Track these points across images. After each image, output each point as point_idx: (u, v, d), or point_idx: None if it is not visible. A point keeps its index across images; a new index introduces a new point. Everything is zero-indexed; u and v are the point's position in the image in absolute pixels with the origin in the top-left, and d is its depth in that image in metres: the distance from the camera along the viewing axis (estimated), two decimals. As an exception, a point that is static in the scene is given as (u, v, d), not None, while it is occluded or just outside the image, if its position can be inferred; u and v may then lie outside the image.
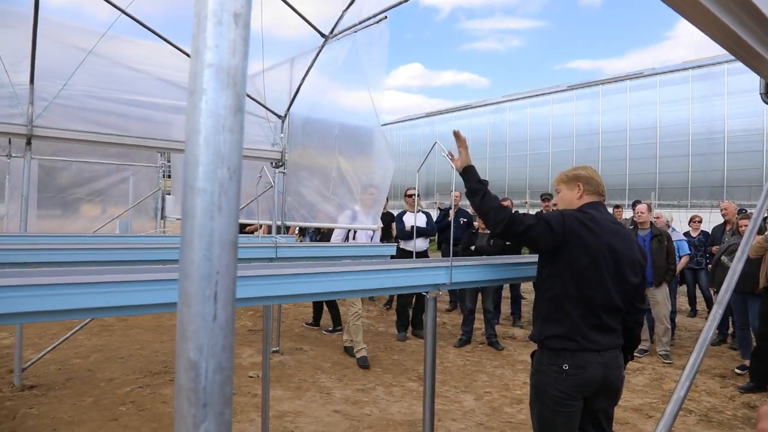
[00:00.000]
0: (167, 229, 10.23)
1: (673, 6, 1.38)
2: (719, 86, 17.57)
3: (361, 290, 1.91)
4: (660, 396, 4.94)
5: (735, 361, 6.07)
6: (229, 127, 0.48)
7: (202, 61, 0.47)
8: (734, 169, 17.09)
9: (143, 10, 4.18)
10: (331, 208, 5.03)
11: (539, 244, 2.27)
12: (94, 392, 4.59)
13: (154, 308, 1.52)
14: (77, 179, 8.90)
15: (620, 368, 2.32)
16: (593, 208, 2.37)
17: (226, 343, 0.48)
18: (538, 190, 12.70)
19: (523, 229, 2.22)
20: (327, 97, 5.33)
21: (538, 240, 2.24)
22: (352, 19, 4.70)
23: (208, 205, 0.47)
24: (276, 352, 5.95)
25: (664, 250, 6.17)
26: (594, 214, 2.32)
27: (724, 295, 1.61)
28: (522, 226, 2.23)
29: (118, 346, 6.05)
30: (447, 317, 8.33)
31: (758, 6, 1.43)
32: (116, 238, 5.23)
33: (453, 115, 27.98)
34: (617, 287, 2.24)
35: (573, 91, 22.39)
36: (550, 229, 2.21)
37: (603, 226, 2.27)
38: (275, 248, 3.26)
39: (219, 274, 0.48)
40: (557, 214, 2.29)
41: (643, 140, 19.48)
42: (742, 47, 1.69)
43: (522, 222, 2.24)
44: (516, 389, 5.02)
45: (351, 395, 4.75)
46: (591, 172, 2.48)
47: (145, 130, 4.61)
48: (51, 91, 4.28)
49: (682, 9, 1.40)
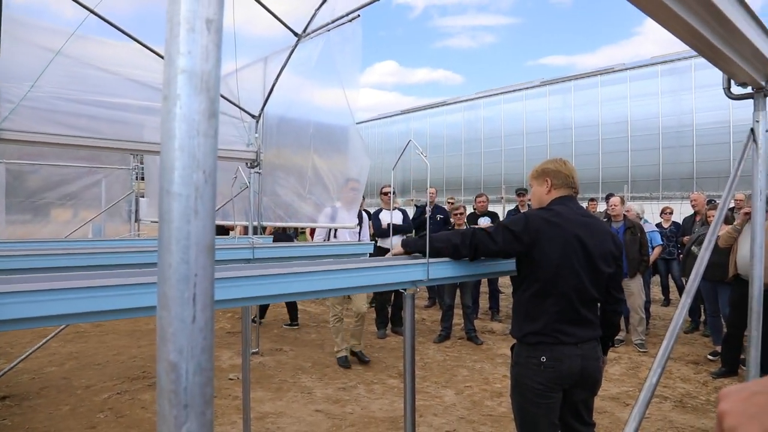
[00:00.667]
0: (142, 232, 10.08)
1: (637, 5, 1.41)
2: (687, 81, 17.96)
3: (338, 289, 1.92)
4: (636, 384, 5.04)
5: (707, 348, 6.22)
6: (203, 131, 0.48)
7: (176, 66, 0.48)
8: (703, 161, 17.50)
9: (113, 10, 4.11)
10: (307, 207, 5.01)
11: (510, 253, 2.30)
12: (70, 400, 4.51)
13: (131, 312, 1.51)
14: (47, 183, 8.69)
15: (598, 359, 2.36)
16: (561, 203, 2.39)
17: (206, 344, 0.49)
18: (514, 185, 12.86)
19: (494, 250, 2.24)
20: (301, 96, 5.31)
21: (507, 252, 2.28)
22: (325, 17, 4.69)
23: (185, 208, 0.48)
24: (255, 353, 5.92)
25: (637, 242, 6.30)
26: (560, 210, 2.33)
27: (692, 285, 1.66)
28: (489, 246, 2.22)
29: (94, 353, 5.95)
30: (426, 313, 8.38)
31: (718, 5, 1.47)
32: (90, 242, 5.14)
33: (428, 112, 28.07)
34: (591, 279, 2.27)
35: (546, 87, 22.66)
36: (513, 236, 2.22)
37: (570, 220, 2.29)
38: (252, 249, 3.24)
39: (197, 276, 0.48)
40: (520, 218, 2.31)
41: (615, 134, 19.81)
42: (704, 44, 1.74)
43: (487, 241, 2.23)
44: (496, 382, 5.08)
45: (332, 394, 4.76)
46: (559, 165, 2.48)
47: (117, 131, 4.53)
48: (17, 93, 4.17)
49: (645, 7, 1.44)
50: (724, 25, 1.75)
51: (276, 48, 5.25)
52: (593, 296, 2.31)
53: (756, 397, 0.48)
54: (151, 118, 4.81)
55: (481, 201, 7.86)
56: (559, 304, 2.24)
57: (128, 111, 4.68)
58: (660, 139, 18.58)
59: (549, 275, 2.23)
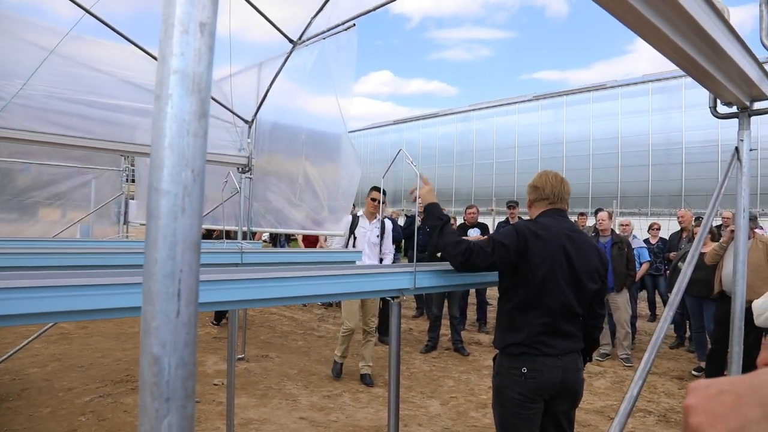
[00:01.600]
0: (130, 234, 10.01)
1: (626, 23, 1.44)
2: (677, 99, 18.19)
3: (325, 295, 1.93)
4: (621, 398, 5.06)
5: (692, 363, 6.27)
6: (193, 131, 0.50)
7: (168, 67, 0.49)
8: (691, 178, 17.69)
9: (108, 10, 4.11)
10: (297, 214, 5.02)
11: (502, 267, 2.30)
12: (51, 402, 4.46)
13: (117, 312, 1.50)
14: (36, 182, 8.61)
15: (579, 371, 2.36)
16: (549, 216, 2.41)
17: (189, 339, 0.50)
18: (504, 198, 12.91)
19: (487, 263, 2.24)
20: (295, 102, 5.33)
21: (499, 265, 2.28)
22: (321, 25, 4.72)
23: (172, 206, 0.49)
24: (241, 359, 5.89)
25: (624, 257, 6.35)
26: (547, 223, 2.35)
27: (674, 297, 1.68)
28: (482, 259, 2.22)
29: (78, 355, 5.89)
30: (414, 323, 8.38)
31: (705, 27, 1.51)
32: (77, 242, 5.11)
33: (420, 123, 28.20)
34: (575, 294, 2.28)
35: (538, 101, 22.84)
36: (506, 249, 2.23)
37: (557, 234, 2.30)
38: (241, 254, 3.24)
39: (182, 272, 0.49)
40: (510, 231, 2.32)
41: (606, 150, 19.99)
42: (691, 64, 1.78)
43: (481, 254, 2.23)
44: (481, 394, 5.08)
45: (317, 402, 4.74)
46: (544, 180, 2.49)
47: (109, 132, 4.52)
48: (10, 90, 4.16)
49: (634, 26, 1.47)
50: (710, 46, 1.79)
51: (271, 54, 5.27)
52: (577, 312, 2.32)
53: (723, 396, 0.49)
54: (144, 120, 4.81)
55: (471, 213, 7.89)
56: (542, 317, 2.25)
57: (121, 112, 4.67)
58: (650, 155, 18.77)
59: (533, 288, 2.24)
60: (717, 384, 0.51)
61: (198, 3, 0.50)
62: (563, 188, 2.48)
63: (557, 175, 2.52)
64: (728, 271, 5.14)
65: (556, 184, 2.47)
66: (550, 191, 2.45)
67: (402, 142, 27.88)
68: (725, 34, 1.83)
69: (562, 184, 2.49)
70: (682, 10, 1.47)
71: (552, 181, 2.47)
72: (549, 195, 2.46)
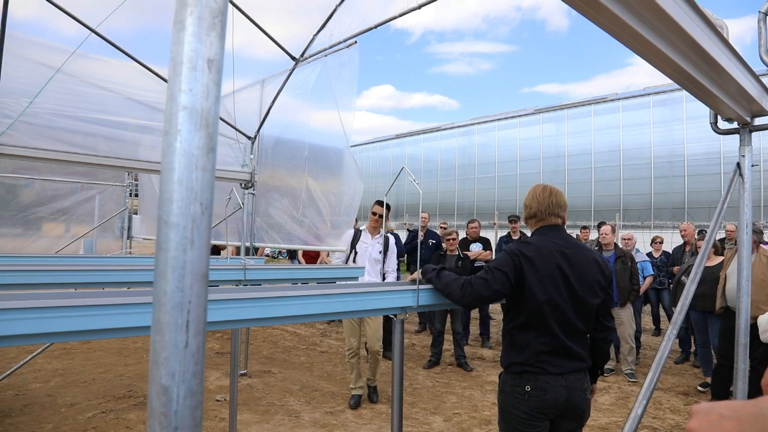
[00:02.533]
0: (134, 249, 10.04)
1: (623, 42, 1.46)
2: (678, 111, 18.23)
3: (328, 313, 1.93)
4: (625, 415, 5.03)
5: (698, 379, 6.22)
6: (201, 165, 0.51)
7: (177, 103, 0.51)
8: (694, 191, 17.67)
9: (112, 28, 4.17)
10: (300, 229, 5.03)
11: (505, 292, 2.26)
12: (53, 418, 4.44)
13: (118, 332, 1.51)
14: (40, 197, 8.67)
15: (585, 391, 2.32)
16: (540, 234, 2.38)
17: (197, 369, 0.51)
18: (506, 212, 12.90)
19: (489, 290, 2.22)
20: (297, 118, 5.37)
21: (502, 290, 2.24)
22: (323, 42, 4.78)
23: (181, 239, 0.50)
24: (244, 375, 5.87)
25: (627, 271, 6.33)
26: (538, 242, 2.32)
27: (678, 316, 1.68)
28: (483, 287, 2.21)
29: (81, 370, 5.88)
30: (416, 338, 8.35)
31: (702, 45, 1.53)
32: (80, 258, 5.13)
33: (422, 137, 28.27)
34: (576, 311, 2.26)
35: (539, 115, 22.91)
36: (503, 275, 2.22)
37: (549, 252, 2.27)
38: (244, 270, 3.24)
39: (191, 303, 0.50)
40: (503, 256, 2.30)
41: (608, 163, 20.00)
42: (690, 81, 1.80)
43: (480, 283, 2.22)
44: (485, 410, 5.05)
45: (320, 418, 4.71)
46: (531, 197, 2.45)
47: (114, 149, 4.57)
48: (16, 108, 4.21)
49: (632, 45, 1.49)
50: (708, 64, 1.81)
51: (273, 71, 5.33)
52: (579, 328, 2.28)
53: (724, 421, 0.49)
54: (146, 137, 4.85)
55: (473, 227, 7.89)
56: (542, 336, 2.23)
57: (125, 129, 4.72)
58: (652, 168, 18.77)
59: (531, 308, 2.23)
60: (719, 409, 0.51)
61: (206, 40, 0.52)
62: (552, 202, 2.40)
63: (546, 189, 2.45)
64: (731, 285, 5.13)
65: (543, 200, 2.40)
66: (537, 208, 2.41)
67: (404, 156, 27.96)
68: (723, 51, 1.84)
69: (551, 197, 2.41)
70: (678, 28, 1.49)
71: (539, 198, 2.42)
72: (536, 212, 2.42)
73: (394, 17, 4.07)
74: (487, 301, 2.28)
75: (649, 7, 1.36)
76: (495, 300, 2.31)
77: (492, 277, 2.23)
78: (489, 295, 2.24)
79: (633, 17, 1.38)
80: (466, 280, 2.25)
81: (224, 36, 0.54)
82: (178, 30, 0.52)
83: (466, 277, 2.29)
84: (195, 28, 0.52)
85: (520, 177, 22.74)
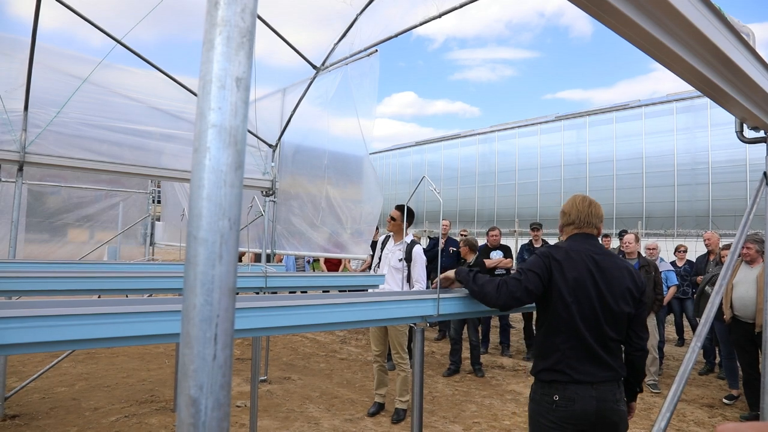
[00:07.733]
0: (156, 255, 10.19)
1: (642, 49, 1.45)
2: (702, 118, 17.95)
3: (350, 322, 1.94)
4: (648, 426, 4.94)
5: (723, 391, 6.09)
6: (230, 182, 0.52)
7: (207, 121, 0.52)
8: (719, 199, 17.35)
9: (137, 39, 4.26)
10: (320, 236, 5.05)
11: (537, 292, 2.27)
12: (78, 422, 4.52)
13: (142, 340, 1.54)
14: (66, 204, 8.87)
15: (617, 402, 2.26)
16: (573, 240, 2.40)
17: (225, 381, 0.52)
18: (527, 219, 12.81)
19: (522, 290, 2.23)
20: (317, 126, 5.42)
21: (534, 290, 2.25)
22: (344, 51, 4.81)
23: (210, 254, 0.52)
24: (264, 381, 5.90)
25: (651, 281, 6.23)
26: (571, 247, 2.33)
27: (702, 328, 1.66)
28: (516, 286, 2.23)
29: (104, 375, 5.97)
30: (436, 346, 8.31)
31: (724, 51, 1.51)
32: (104, 265, 5.22)
33: (442, 144, 28.24)
34: (607, 318, 2.23)
35: (561, 122, 22.74)
36: (536, 275, 2.24)
37: (580, 258, 2.28)
38: (265, 278, 3.27)
39: (219, 317, 0.52)
40: (535, 258, 2.33)
41: (630, 170, 19.76)
42: (713, 88, 1.78)
43: (513, 283, 2.24)
44: (504, 419, 5.00)
45: (339, 425, 4.72)
46: (571, 205, 2.49)
47: (138, 158, 4.65)
48: (44, 118, 4.32)
49: (650, 51, 1.48)
50: (734, 73, 1.79)
51: (295, 80, 5.38)
52: (611, 336, 2.25)
53: None
54: (169, 145, 4.93)
55: (493, 235, 7.85)
56: (569, 341, 2.22)
57: (149, 138, 4.80)
58: (675, 176, 18.49)
59: (558, 312, 2.23)
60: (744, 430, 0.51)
61: (234, 59, 0.53)
62: (591, 212, 2.44)
63: (585, 199, 2.50)
64: (739, 295, 5.02)
65: (583, 209, 2.45)
66: (575, 216, 2.44)
67: (424, 163, 27.95)
68: (749, 59, 1.82)
69: (590, 207, 2.45)
70: (702, 37, 1.47)
71: (579, 206, 2.46)
72: (575, 220, 2.45)
73: (414, 26, 4.09)
74: (521, 302, 2.28)
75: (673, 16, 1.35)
76: (528, 301, 2.30)
77: (525, 277, 2.25)
78: (522, 295, 2.25)
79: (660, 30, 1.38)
80: (501, 280, 2.27)
81: (252, 55, 0.56)
82: (208, 49, 0.54)
83: (500, 279, 2.29)
84: (224, 47, 0.53)
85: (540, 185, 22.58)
